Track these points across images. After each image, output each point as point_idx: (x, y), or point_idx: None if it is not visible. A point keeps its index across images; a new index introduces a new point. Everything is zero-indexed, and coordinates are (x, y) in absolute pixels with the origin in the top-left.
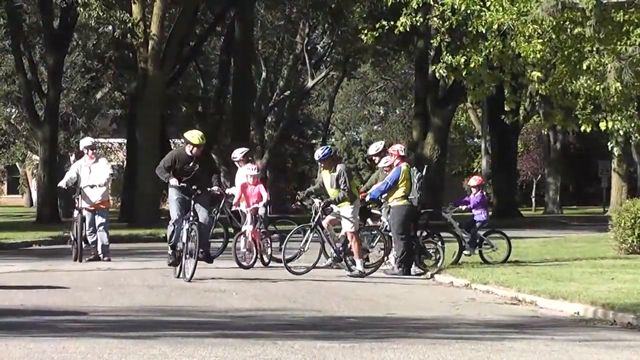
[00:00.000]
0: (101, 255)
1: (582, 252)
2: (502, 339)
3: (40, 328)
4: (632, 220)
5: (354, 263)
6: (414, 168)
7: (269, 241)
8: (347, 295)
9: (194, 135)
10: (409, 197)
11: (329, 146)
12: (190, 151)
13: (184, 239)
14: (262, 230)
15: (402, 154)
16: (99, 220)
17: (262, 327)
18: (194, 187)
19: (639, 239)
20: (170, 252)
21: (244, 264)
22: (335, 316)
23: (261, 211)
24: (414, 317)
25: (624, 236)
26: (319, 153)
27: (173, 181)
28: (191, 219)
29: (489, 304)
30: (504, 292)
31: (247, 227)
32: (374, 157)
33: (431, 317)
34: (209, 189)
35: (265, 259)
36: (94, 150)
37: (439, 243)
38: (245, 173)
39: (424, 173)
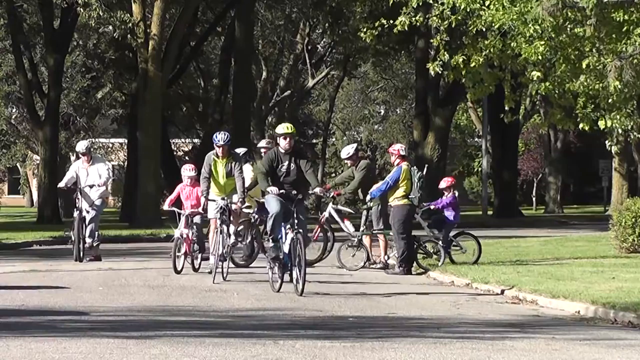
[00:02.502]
0: (89, 242)
1: (583, 251)
2: (503, 338)
3: (41, 328)
4: (633, 219)
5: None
6: (414, 167)
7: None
8: (348, 294)
9: (283, 126)
10: (410, 197)
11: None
12: (284, 147)
13: (286, 249)
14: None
15: (402, 153)
16: (90, 214)
17: (263, 327)
18: (294, 192)
19: (639, 238)
20: (271, 245)
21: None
22: (336, 315)
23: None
24: (415, 317)
25: (624, 235)
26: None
27: (273, 189)
28: (295, 227)
29: (489, 303)
30: (505, 291)
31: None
32: (345, 161)
33: (432, 316)
34: (311, 191)
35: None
36: (90, 154)
37: (440, 243)
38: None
39: (424, 172)
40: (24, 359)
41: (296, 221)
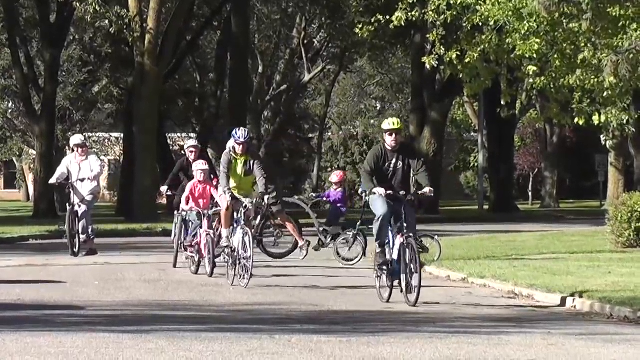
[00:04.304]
0: (83, 237)
1: (579, 246)
2: (499, 332)
3: (37, 322)
4: (629, 214)
5: None
6: None
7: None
8: (344, 289)
9: (388, 121)
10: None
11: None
12: (390, 144)
13: (395, 255)
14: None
15: None
16: (81, 209)
17: (259, 321)
18: (402, 192)
19: (635, 233)
20: (378, 250)
21: None
22: (332, 310)
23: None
24: (411, 311)
25: (620, 230)
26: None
27: (379, 190)
28: (404, 231)
29: (485, 297)
30: (500, 285)
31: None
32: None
33: (428, 311)
34: (423, 191)
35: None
36: (84, 149)
37: (436, 237)
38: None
39: None
40: (19, 353)
41: (405, 224)
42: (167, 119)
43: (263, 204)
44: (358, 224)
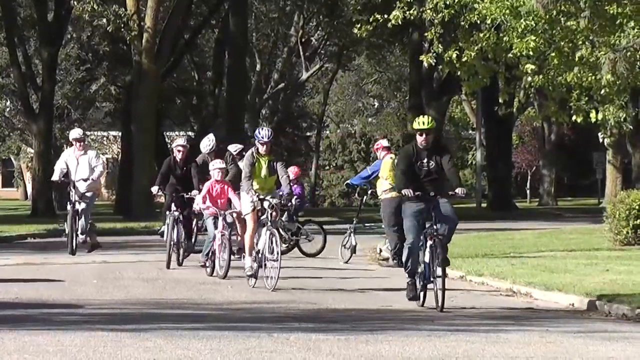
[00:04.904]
0: (81, 237)
1: (577, 243)
2: (497, 330)
3: (36, 321)
4: (627, 212)
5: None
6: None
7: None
8: (343, 287)
9: (418, 121)
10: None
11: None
12: (421, 143)
13: (426, 258)
14: None
15: (385, 145)
16: (81, 207)
17: (257, 320)
18: (432, 193)
19: (633, 231)
20: (409, 280)
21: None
22: (330, 308)
23: None
24: (409, 309)
25: (618, 228)
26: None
27: (407, 191)
28: (434, 232)
29: (483, 295)
30: (499, 283)
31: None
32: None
33: (426, 309)
34: (455, 191)
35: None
36: (83, 143)
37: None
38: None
39: None
40: (18, 352)
41: (435, 226)
42: (165, 118)
43: (290, 204)
44: (355, 222)
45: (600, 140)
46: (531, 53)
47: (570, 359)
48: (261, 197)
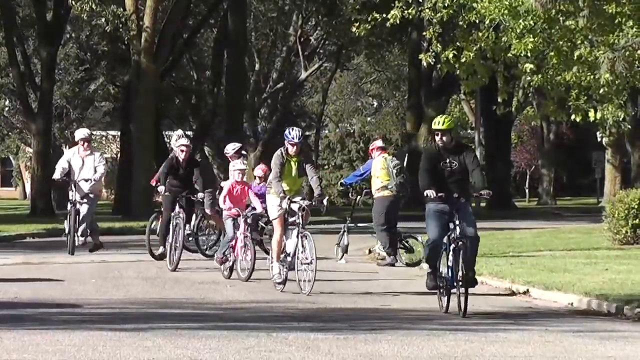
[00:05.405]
0: (81, 240)
1: (576, 242)
2: (496, 330)
3: (35, 320)
4: (626, 211)
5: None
6: (391, 156)
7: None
8: (341, 287)
9: (435, 121)
10: (388, 187)
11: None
12: (439, 143)
13: (450, 262)
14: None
15: (379, 145)
16: (83, 209)
17: (256, 319)
18: (455, 194)
19: (632, 230)
20: (429, 271)
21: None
22: (329, 308)
23: None
24: (407, 309)
25: (617, 227)
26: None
27: (430, 192)
28: (457, 234)
29: (483, 295)
30: (498, 283)
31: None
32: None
33: (425, 308)
34: (479, 193)
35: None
36: (89, 143)
37: (419, 238)
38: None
39: (405, 159)
40: (17, 352)
41: (458, 229)
42: (164, 117)
43: (323, 206)
44: (348, 221)
45: (599, 139)
46: (529, 54)
47: (569, 358)
48: (289, 199)
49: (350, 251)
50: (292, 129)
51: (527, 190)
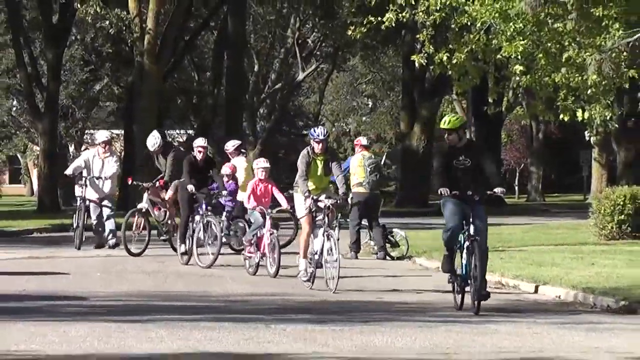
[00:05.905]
0: (111, 242)
1: (564, 238)
2: (487, 322)
3: (42, 312)
4: (612, 208)
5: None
6: (367, 153)
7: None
8: (339, 281)
9: (444, 120)
10: (363, 184)
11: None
12: (448, 139)
13: (465, 260)
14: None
15: (363, 143)
16: (106, 211)
17: (255, 311)
18: (469, 192)
19: (618, 226)
20: (446, 253)
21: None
22: (326, 300)
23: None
24: (401, 302)
25: (603, 223)
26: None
27: (444, 190)
28: (471, 234)
29: None
30: (487, 276)
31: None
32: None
33: (418, 301)
34: (494, 191)
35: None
36: (110, 145)
37: (403, 232)
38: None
39: (384, 159)
40: (25, 342)
41: (472, 227)
42: (166, 118)
43: (347, 207)
44: (338, 216)
45: (587, 138)
46: (519, 57)
47: (556, 350)
48: (314, 198)
49: (342, 246)
50: (318, 127)
51: (516, 188)
